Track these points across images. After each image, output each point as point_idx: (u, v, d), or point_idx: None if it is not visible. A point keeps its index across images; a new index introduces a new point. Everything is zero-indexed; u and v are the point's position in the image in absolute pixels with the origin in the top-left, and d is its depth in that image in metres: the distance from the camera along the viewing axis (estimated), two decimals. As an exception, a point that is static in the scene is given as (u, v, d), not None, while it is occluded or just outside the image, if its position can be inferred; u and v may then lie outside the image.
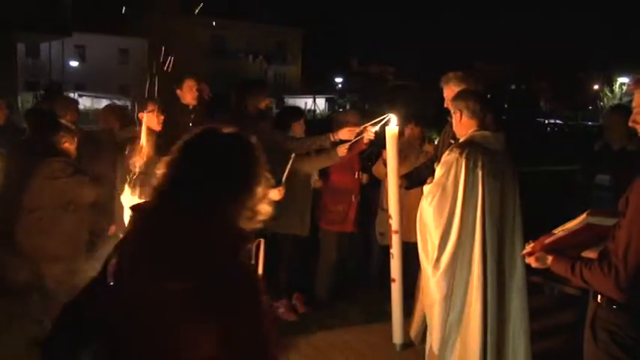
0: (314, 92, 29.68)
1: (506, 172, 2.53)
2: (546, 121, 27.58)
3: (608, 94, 33.58)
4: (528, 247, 1.80)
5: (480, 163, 2.46)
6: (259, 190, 1.16)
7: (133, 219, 1.16)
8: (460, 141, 2.62)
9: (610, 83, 34.06)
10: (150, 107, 3.19)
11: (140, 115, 3.14)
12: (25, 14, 11.75)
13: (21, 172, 2.71)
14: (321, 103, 30.36)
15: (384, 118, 3.03)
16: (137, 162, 2.70)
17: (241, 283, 1.04)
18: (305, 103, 28.36)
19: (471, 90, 2.78)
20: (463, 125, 2.61)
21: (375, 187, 3.96)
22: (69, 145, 2.82)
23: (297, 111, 3.95)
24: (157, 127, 3.17)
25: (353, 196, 3.85)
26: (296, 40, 37.07)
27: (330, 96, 33.05)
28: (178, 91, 4.05)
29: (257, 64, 34.42)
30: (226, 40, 34.40)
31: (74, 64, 30.89)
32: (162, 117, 3.20)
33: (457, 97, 2.69)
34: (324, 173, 3.74)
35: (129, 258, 1.09)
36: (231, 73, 26.79)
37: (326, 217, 3.79)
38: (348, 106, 32.25)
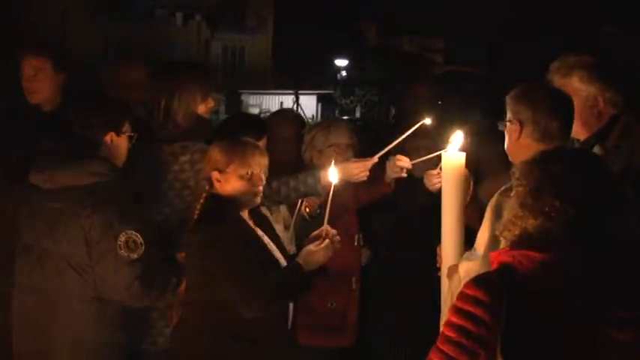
0: (296, 84, 30.00)
1: None
2: None
3: None
4: None
5: None
6: None
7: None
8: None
9: None
10: (126, 127, 3.45)
11: (107, 136, 3.39)
12: None
13: None
14: (309, 104, 30.64)
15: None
16: None
17: None
18: (280, 102, 28.57)
19: (552, 88, 3.06)
20: (521, 147, 2.87)
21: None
22: None
23: (255, 124, 4.07)
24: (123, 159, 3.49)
25: (353, 280, 4.01)
26: (264, -12, 37.92)
27: (326, 91, 33.46)
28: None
29: (191, 29, 34.96)
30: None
31: None
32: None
33: (520, 96, 2.93)
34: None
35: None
36: (144, 47, 27.09)
37: (307, 322, 3.84)
38: (358, 111, 32.60)
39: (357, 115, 31.85)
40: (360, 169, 3.64)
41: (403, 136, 3.62)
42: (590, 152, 2.27)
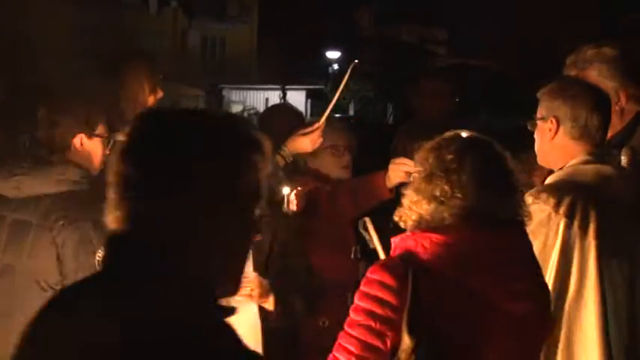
0: (283, 79, 30.07)
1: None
2: None
3: None
4: None
5: (592, 227, 2.72)
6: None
7: None
8: (551, 179, 2.93)
9: None
10: (100, 129, 3.28)
11: (76, 138, 3.23)
12: None
13: None
14: (298, 100, 30.69)
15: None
16: None
17: None
18: (266, 99, 28.54)
19: (589, 83, 3.03)
20: (555, 147, 2.92)
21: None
22: None
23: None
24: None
25: (349, 296, 3.90)
26: (247, -28, 37.91)
27: (316, 86, 33.49)
28: None
29: (166, 17, 34.97)
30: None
31: None
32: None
33: (557, 92, 2.94)
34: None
35: None
36: (112, 37, 27.01)
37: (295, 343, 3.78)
38: (352, 106, 32.65)
39: (351, 112, 31.96)
40: (314, 139, 3.69)
41: (343, 83, 3.71)
42: (484, 138, 2.43)
